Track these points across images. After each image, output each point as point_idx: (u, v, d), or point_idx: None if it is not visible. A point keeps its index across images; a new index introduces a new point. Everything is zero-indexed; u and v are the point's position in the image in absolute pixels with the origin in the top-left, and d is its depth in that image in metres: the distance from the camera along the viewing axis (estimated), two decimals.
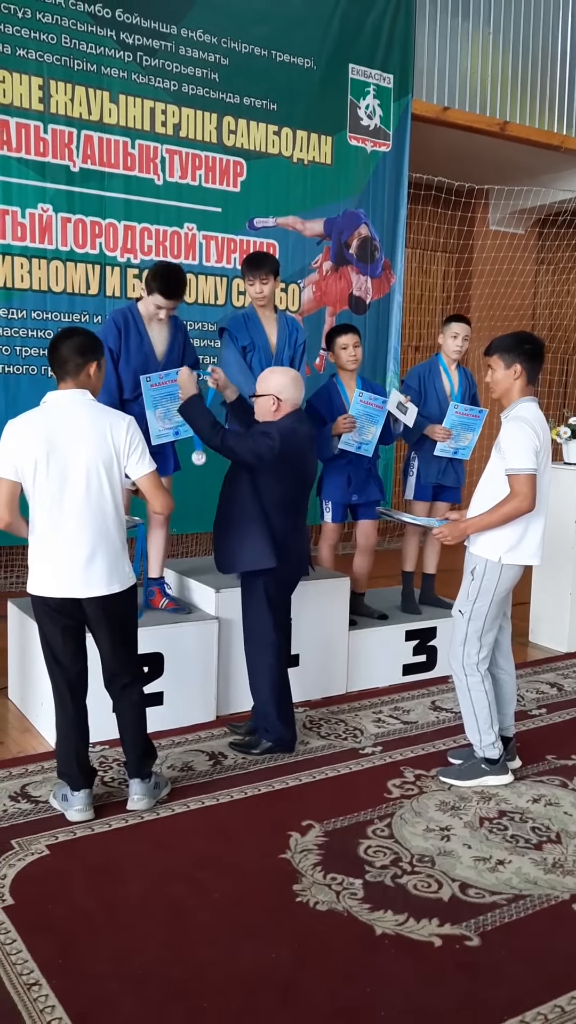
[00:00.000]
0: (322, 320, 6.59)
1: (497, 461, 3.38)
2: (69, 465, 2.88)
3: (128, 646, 3.13)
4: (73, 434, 2.88)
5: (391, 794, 3.36)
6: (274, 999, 2.25)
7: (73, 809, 3.08)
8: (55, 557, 2.93)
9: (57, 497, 2.89)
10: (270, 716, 3.60)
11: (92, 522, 2.91)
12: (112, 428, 2.92)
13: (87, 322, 5.61)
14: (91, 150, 5.56)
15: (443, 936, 2.52)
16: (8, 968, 2.32)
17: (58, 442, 2.87)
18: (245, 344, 4.18)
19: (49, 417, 2.92)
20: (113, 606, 3.00)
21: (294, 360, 4.26)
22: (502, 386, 3.43)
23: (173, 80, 5.80)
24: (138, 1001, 2.23)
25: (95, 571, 2.93)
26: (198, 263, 6.02)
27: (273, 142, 6.24)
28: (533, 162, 8.06)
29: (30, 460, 2.86)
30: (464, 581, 3.45)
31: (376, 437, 4.44)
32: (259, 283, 4.12)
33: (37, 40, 5.32)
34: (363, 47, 6.53)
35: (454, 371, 4.80)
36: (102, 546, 2.94)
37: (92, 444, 2.89)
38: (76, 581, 2.93)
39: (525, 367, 3.38)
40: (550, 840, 3.08)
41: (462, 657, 3.45)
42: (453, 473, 4.83)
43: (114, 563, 2.97)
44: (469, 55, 7.20)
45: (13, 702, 4.17)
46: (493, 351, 3.42)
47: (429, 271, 8.98)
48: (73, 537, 2.91)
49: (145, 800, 3.15)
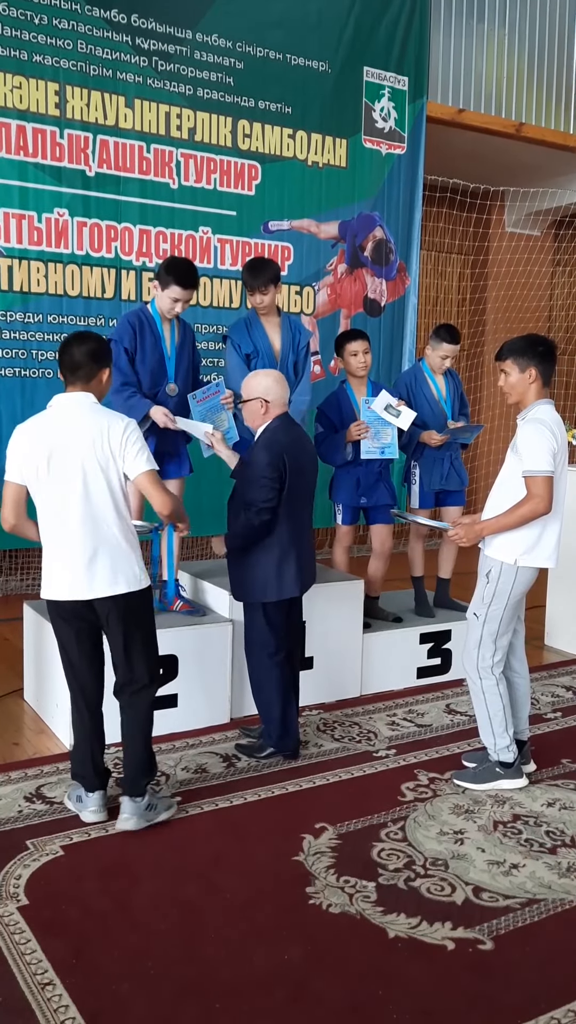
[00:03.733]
0: (337, 323, 6.59)
1: (513, 463, 3.36)
2: (69, 467, 2.89)
3: (139, 651, 3.06)
4: (73, 437, 2.90)
5: (405, 797, 3.35)
6: (286, 1000, 2.26)
7: (87, 810, 3.09)
8: (61, 559, 2.95)
9: (60, 500, 2.91)
10: (272, 722, 3.59)
11: (93, 523, 2.92)
12: (109, 429, 2.91)
13: (103, 326, 5.64)
14: (107, 154, 5.59)
15: (456, 939, 2.52)
16: (23, 968, 2.33)
17: (59, 445, 2.89)
18: (248, 352, 4.16)
19: (53, 421, 2.95)
20: (121, 607, 2.98)
21: (298, 364, 4.25)
22: (517, 390, 3.39)
23: (188, 84, 5.82)
24: (151, 1001, 2.24)
25: (98, 572, 2.93)
26: (213, 266, 6.04)
27: (288, 145, 6.26)
28: (549, 163, 8.04)
29: (33, 464, 2.90)
30: (479, 584, 3.44)
31: (395, 438, 4.42)
32: (259, 294, 4.09)
33: (53, 46, 5.36)
34: (378, 49, 6.54)
35: (440, 379, 4.78)
36: (103, 547, 2.93)
37: (90, 446, 2.89)
38: (80, 583, 2.94)
39: (539, 369, 3.35)
40: (564, 844, 3.06)
41: (476, 660, 3.44)
42: (456, 477, 4.81)
43: (118, 564, 2.95)
44: (484, 56, 7.19)
45: (29, 703, 4.19)
46: (506, 355, 3.39)
47: (444, 273, 8.96)
48: (76, 539, 2.92)
49: (132, 820, 3.02)
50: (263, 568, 3.46)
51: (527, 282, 9.01)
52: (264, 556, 3.45)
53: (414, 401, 4.70)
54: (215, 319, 6.09)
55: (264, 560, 3.45)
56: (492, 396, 8.50)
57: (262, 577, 3.46)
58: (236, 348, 4.16)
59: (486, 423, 8.53)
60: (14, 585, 6.09)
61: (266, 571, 3.46)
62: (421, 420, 4.66)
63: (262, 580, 3.47)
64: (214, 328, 6.04)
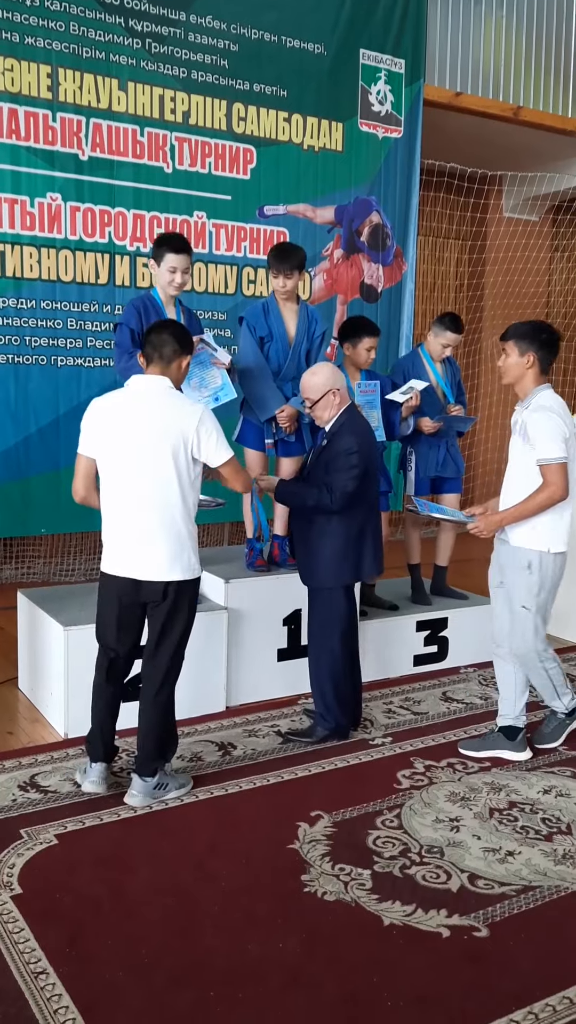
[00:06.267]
0: (333, 309, 6.55)
1: (523, 451, 3.43)
2: (137, 448, 2.95)
3: (172, 640, 3.10)
4: (145, 419, 2.96)
5: (401, 785, 3.35)
6: (281, 988, 2.25)
7: (88, 780, 3.17)
8: (119, 536, 3.04)
9: (125, 479, 2.98)
10: (330, 704, 3.65)
11: (155, 507, 2.97)
12: (184, 418, 2.96)
13: (96, 312, 5.60)
14: (100, 138, 5.53)
15: (451, 927, 2.51)
16: (16, 957, 2.32)
17: (131, 425, 2.96)
18: (263, 335, 4.16)
19: (128, 400, 3.02)
20: (171, 593, 3.03)
21: (311, 352, 4.23)
22: (513, 373, 3.46)
23: (182, 67, 5.75)
24: (145, 989, 2.23)
25: (154, 555, 2.99)
26: (208, 252, 5.98)
27: (283, 129, 6.19)
28: (547, 147, 7.97)
29: (103, 440, 2.99)
30: (519, 577, 3.47)
31: (380, 423, 4.42)
32: (283, 277, 4.10)
33: (45, 28, 5.28)
34: (374, 32, 6.46)
35: (439, 365, 4.76)
36: (163, 532, 2.98)
37: (162, 431, 2.94)
38: (135, 562, 3.01)
39: (539, 356, 3.42)
40: (560, 831, 3.06)
41: (535, 648, 3.53)
42: (452, 464, 4.79)
43: (174, 550, 3.01)
44: (482, 39, 7.11)
45: (23, 692, 4.18)
46: (509, 337, 3.46)
47: (442, 258, 8.90)
48: (137, 519, 2.99)
49: (138, 798, 3.11)
50: (340, 552, 3.56)
51: (525, 267, 8.96)
52: (343, 541, 3.56)
53: None
54: (210, 305, 6.04)
55: (343, 544, 3.56)
56: (489, 383, 8.47)
57: (340, 561, 3.57)
58: (251, 330, 4.16)
59: (483, 410, 8.51)
60: (8, 574, 6.06)
61: (344, 555, 3.56)
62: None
63: (338, 564, 3.57)
64: (209, 314, 5.99)
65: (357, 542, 3.59)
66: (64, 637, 3.65)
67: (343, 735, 3.71)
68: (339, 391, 3.58)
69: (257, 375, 4.09)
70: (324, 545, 3.59)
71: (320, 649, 3.68)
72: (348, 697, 3.68)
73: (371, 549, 3.63)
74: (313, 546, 3.62)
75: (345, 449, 3.49)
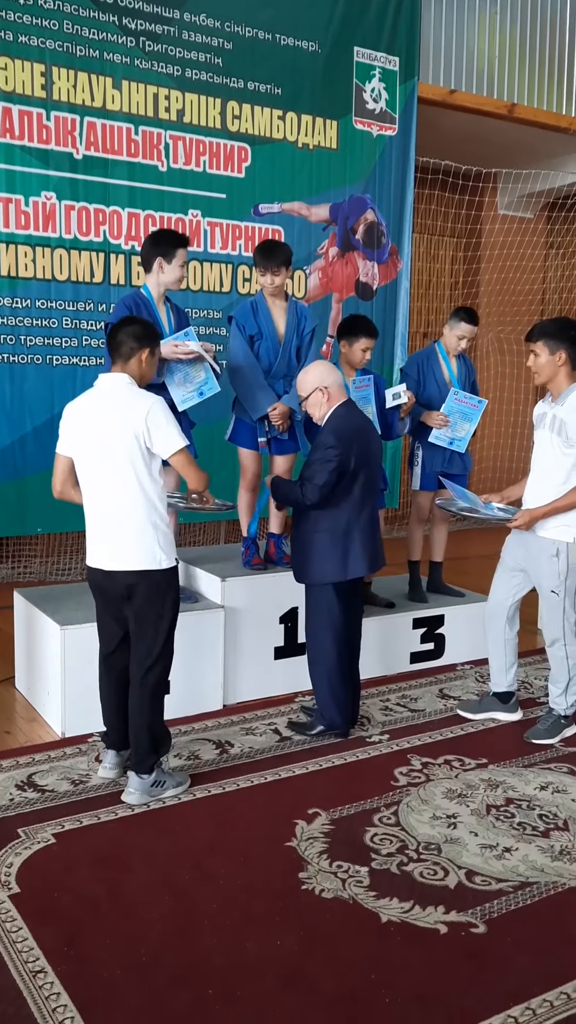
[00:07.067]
0: (328, 307, 6.55)
1: (556, 445, 3.56)
2: (100, 446, 3.04)
3: (150, 631, 3.14)
4: (106, 417, 3.05)
5: (398, 782, 3.35)
6: (279, 986, 2.25)
7: (102, 767, 3.31)
8: (90, 530, 3.15)
9: (92, 474, 3.08)
10: (325, 701, 3.67)
11: (119, 500, 3.06)
12: (135, 411, 3.02)
13: (91, 311, 5.59)
14: (94, 137, 5.52)
15: (449, 923, 2.52)
16: (14, 956, 2.32)
17: (93, 423, 3.06)
18: (252, 333, 4.15)
19: (93, 399, 3.11)
20: (140, 584, 3.09)
21: (301, 349, 4.23)
22: (546, 371, 3.58)
23: (176, 65, 5.75)
24: (143, 988, 2.23)
25: (119, 546, 3.08)
26: (203, 250, 5.98)
27: (278, 127, 6.19)
28: (542, 145, 7.98)
29: (74, 439, 3.10)
30: (546, 565, 3.64)
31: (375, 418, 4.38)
32: (271, 275, 4.09)
33: (39, 26, 5.28)
34: (368, 30, 6.46)
35: (453, 359, 4.75)
36: (127, 524, 3.06)
37: (119, 427, 3.02)
38: (103, 554, 3.11)
39: (570, 353, 3.51)
40: (557, 828, 3.06)
41: (564, 628, 3.69)
42: (460, 461, 4.78)
43: (139, 542, 3.06)
44: (476, 37, 7.12)
45: (20, 691, 4.18)
46: (537, 337, 3.56)
47: (437, 256, 8.91)
48: (102, 512, 3.09)
49: (135, 795, 3.14)
50: (327, 550, 3.56)
51: (520, 264, 8.96)
52: (329, 538, 3.56)
53: (423, 381, 4.70)
54: (205, 303, 6.04)
55: (329, 542, 3.56)
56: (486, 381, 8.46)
57: (325, 559, 3.57)
58: (240, 329, 4.15)
59: None
60: (5, 573, 6.06)
61: (331, 553, 3.56)
62: (426, 400, 4.65)
63: (324, 562, 3.57)
64: (204, 312, 5.99)
65: (344, 539, 3.56)
66: (61, 636, 3.65)
67: (341, 732, 3.72)
68: (327, 388, 3.56)
69: (248, 374, 4.09)
70: (311, 542, 3.59)
71: (313, 646, 3.71)
72: (344, 695, 3.68)
73: (359, 547, 3.58)
74: (303, 543, 3.64)
75: (322, 443, 3.51)
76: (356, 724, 3.82)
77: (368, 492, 3.63)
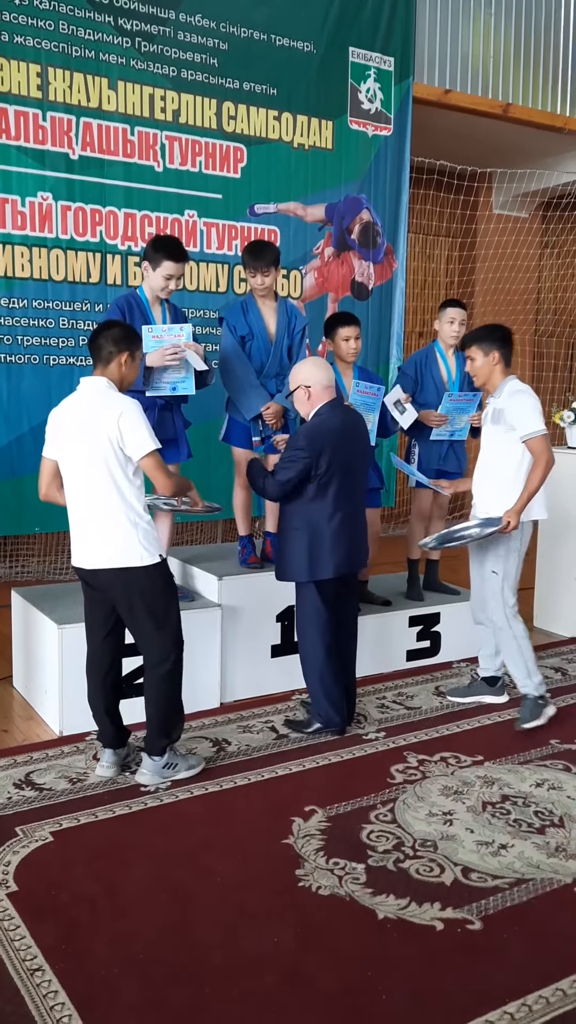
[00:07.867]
0: (324, 307, 6.56)
1: (497, 434, 3.78)
2: (76, 447, 3.09)
3: (147, 628, 3.18)
4: (83, 420, 3.10)
5: (394, 779, 3.37)
6: (277, 983, 2.26)
7: (99, 765, 3.33)
8: (72, 530, 3.21)
9: (71, 475, 3.15)
10: (318, 699, 3.69)
11: (93, 500, 3.11)
12: (109, 412, 3.06)
13: (88, 311, 5.59)
14: (90, 137, 5.52)
15: (445, 920, 2.53)
16: (12, 954, 2.33)
17: (73, 426, 3.11)
18: (243, 334, 4.16)
19: (73, 402, 3.17)
20: (122, 581, 3.12)
21: (292, 348, 4.24)
22: (483, 372, 3.84)
23: (172, 66, 5.75)
24: (141, 985, 2.24)
25: (97, 545, 3.13)
26: (199, 250, 5.99)
27: (273, 127, 6.20)
28: (537, 144, 7.99)
29: (57, 442, 3.16)
30: (490, 546, 3.85)
31: (375, 425, 4.42)
32: (260, 275, 4.10)
33: (34, 27, 5.28)
34: (363, 30, 6.47)
35: (451, 357, 4.77)
36: (105, 522, 3.11)
37: (95, 429, 3.06)
38: (83, 553, 3.17)
39: (502, 352, 3.80)
40: (553, 824, 3.08)
41: (503, 607, 3.84)
42: (454, 458, 4.80)
43: (116, 539, 3.10)
44: (471, 37, 7.13)
45: (17, 690, 4.19)
46: (470, 343, 3.84)
47: (432, 256, 8.92)
48: (81, 512, 3.15)
49: (147, 776, 3.24)
50: (299, 549, 3.58)
51: (515, 264, 8.98)
52: (300, 536, 3.58)
53: (421, 380, 4.72)
54: (202, 303, 6.04)
55: (301, 540, 3.58)
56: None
57: (297, 557, 3.59)
58: (231, 330, 4.15)
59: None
60: (2, 572, 6.06)
61: (302, 552, 3.58)
62: (424, 400, 4.66)
63: (295, 560, 3.60)
64: (201, 312, 6.00)
65: (315, 540, 3.55)
66: (58, 635, 3.66)
67: (338, 730, 3.73)
68: (310, 388, 3.56)
69: (240, 374, 4.10)
70: (287, 539, 3.63)
71: (302, 644, 3.74)
72: (336, 692, 3.68)
73: (328, 550, 3.55)
74: (281, 540, 3.69)
75: (293, 443, 3.56)
76: (352, 721, 3.83)
77: (344, 495, 3.58)
